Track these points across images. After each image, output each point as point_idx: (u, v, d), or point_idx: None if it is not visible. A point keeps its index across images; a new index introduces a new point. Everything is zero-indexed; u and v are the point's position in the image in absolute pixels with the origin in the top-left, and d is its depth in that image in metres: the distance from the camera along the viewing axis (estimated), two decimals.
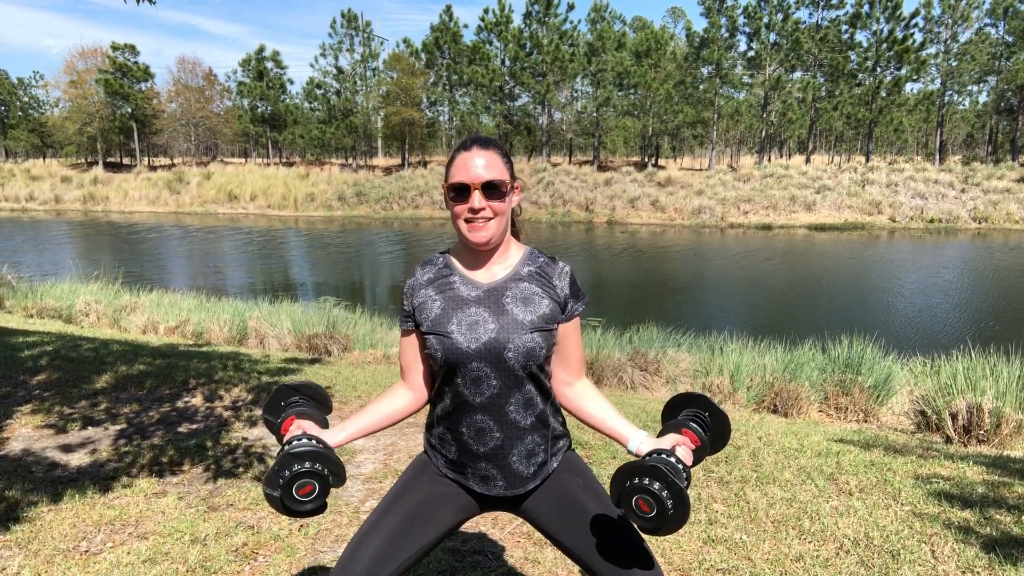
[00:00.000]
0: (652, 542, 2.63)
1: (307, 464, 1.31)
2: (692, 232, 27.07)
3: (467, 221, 1.47)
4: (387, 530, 1.45)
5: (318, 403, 1.58)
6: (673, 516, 1.24)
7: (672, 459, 1.32)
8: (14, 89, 57.29)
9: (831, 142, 54.87)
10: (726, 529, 2.74)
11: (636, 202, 30.99)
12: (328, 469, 1.33)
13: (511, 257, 1.55)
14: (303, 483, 1.30)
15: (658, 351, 6.82)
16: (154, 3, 3.66)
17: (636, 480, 1.27)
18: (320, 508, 1.36)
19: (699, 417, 1.46)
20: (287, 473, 1.29)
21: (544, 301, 1.49)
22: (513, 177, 1.52)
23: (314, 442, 1.38)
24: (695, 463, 1.40)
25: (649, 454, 1.35)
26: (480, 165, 1.45)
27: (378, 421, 1.56)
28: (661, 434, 1.45)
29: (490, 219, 1.46)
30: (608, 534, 1.45)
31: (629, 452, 1.46)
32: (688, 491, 1.32)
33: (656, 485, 1.25)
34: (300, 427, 1.46)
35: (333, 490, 3.10)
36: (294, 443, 1.36)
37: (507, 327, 1.44)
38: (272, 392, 1.55)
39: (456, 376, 1.46)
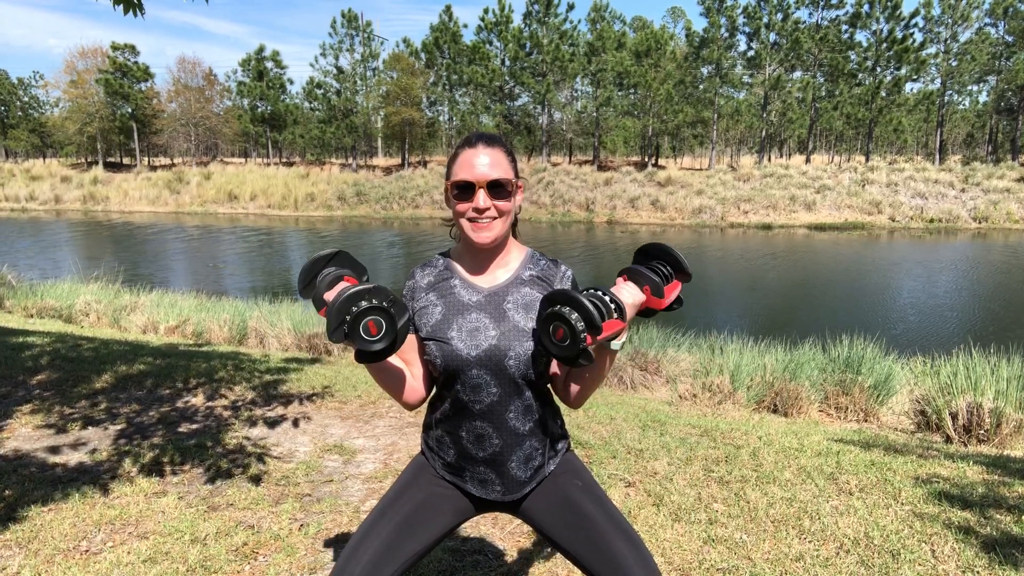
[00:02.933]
0: (651, 541, 2.63)
1: (373, 300, 1.26)
2: (692, 232, 27.07)
3: (471, 221, 1.44)
4: (385, 532, 1.44)
5: (355, 270, 1.51)
6: (584, 348, 1.25)
7: (600, 292, 1.32)
8: (14, 89, 57.27)
9: (831, 142, 54.85)
10: (726, 529, 2.74)
11: (636, 202, 30.98)
12: (392, 306, 1.28)
13: (512, 260, 1.53)
14: (369, 318, 1.25)
15: (658, 351, 6.83)
16: (142, 14, 3.64)
17: (557, 308, 1.28)
18: (391, 347, 1.31)
19: (656, 267, 1.44)
20: (354, 309, 1.24)
21: None
22: (517, 175, 1.50)
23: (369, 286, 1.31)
24: (654, 296, 1.38)
25: (585, 289, 1.35)
26: (485, 163, 1.42)
27: (398, 369, 1.50)
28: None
29: (495, 219, 1.43)
30: (607, 536, 1.44)
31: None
32: (619, 336, 1.32)
33: (574, 316, 1.25)
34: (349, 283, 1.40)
35: (337, 487, 3.10)
36: (349, 289, 1.28)
37: (508, 334, 1.42)
38: (307, 264, 1.45)
39: (456, 382, 1.44)
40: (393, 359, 1.49)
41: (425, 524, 1.48)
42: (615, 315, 1.30)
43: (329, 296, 1.38)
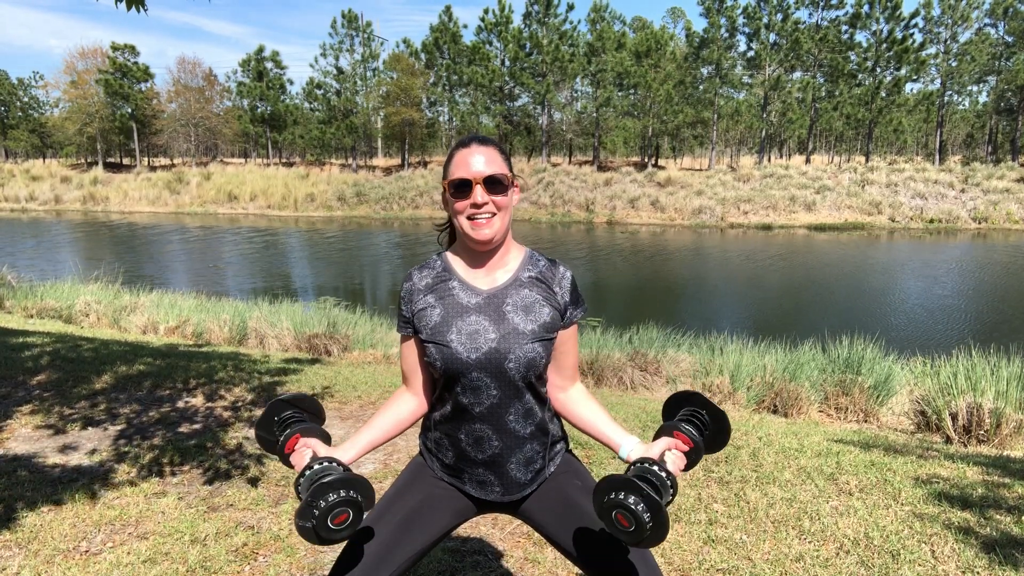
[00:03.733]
0: None
1: (340, 492, 1.27)
2: (692, 232, 27.07)
3: (470, 218, 1.44)
4: (383, 534, 1.44)
5: (314, 416, 1.54)
6: (652, 530, 1.23)
7: (655, 468, 1.30)
8: (14, 89, 57.27)
9: (831, 142, 54.85)
10: (726, 529, 2.74)
11: (636, 202, 30.99)
12: (360, 495, 1.30)
13: (511, 260, 1.53)
14: (338, 512, 1.27)
15: (658, 351, 6.82)
16: (145, 10, 3.64)
17: (613, 495, 1.26)
18: (352, 534, 1.33)
19: (696, 416, 1.43)
20: (322, 504, 1.26)
21: (545, 309, 1.46)
22: (512, 174, 1.50)
23: (335, 465, 1.34)
24: (689, 466, 1.39)
25: (634, 463, 1.34)
26: (481, 161, 1.43)
27: (387, 431, 1.52)
28: (656, 436, 1.43)
29: (493, 215, 1.44)
30: (606, 536, 1.44)
31: (620, 459, 1.44)
32: (672, 502, 1.31)
33: (631, 499, 1.23)
34: (308, 445, 1.41)
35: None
36: (316, 468, 1.33)
37: (508, 337, 1.42)
38: (265, 408, 1.49)
39: (456, 385, 1.44)
40: (376, 426, 1.53)
41: (423, 525, 1.48)
42: (671, 492, 1.31)
43: (295, 461, 1.40)
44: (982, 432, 4.38)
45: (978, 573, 2.37)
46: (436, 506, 1.51)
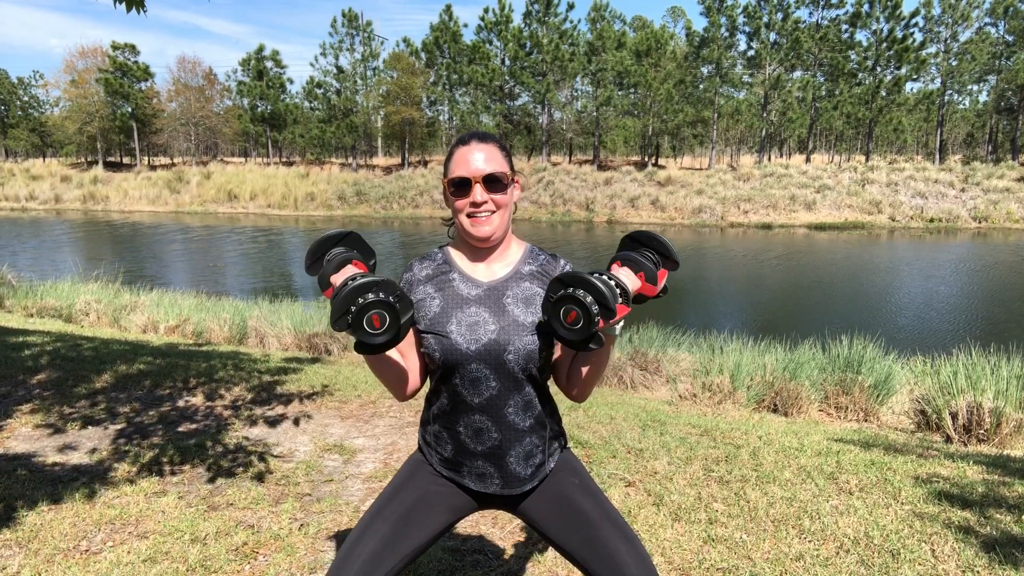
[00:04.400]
0: (651, 541, 2.63)
1: (380, 294, 1.25)
2: (692, 231, 27.07)
3: (469, 216, 1.45)
4: (381, 531, 1.44)
5: (364, 253, 1.49)
6: (597, 322, 1.25)
7: (605, 276, 1.31)
8: (14, 89, 57.27)
9: (831, 141, 54.84)
10: (726, 528, 2.74)
11: (636, 201, 30.98)
12: (394, 296, 1.28)
13: (512, 254, 1.53)
14: (374, 312, 1.25)
15: (658, 350, 6.82)
16: (144, 11, 3.63)
17: (563, 291, 1.27)
18: (393, 340, 1.30)
19: (644, 253, 1.43)
20: (353, 308, 1.23)
21: None
22: (513, 171, 1.50)
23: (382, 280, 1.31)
24: (645, 291, 1.39)
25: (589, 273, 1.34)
26: (480, 159, 1.43)
27: (396, 362, 1.49)
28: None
29: (493, 212, 1.44)
30: (603, 534, 1.44)
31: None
32: (622, 306, 1.31)
33: (580, 292, 1.25)
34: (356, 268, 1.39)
35: (337, 487, 3.10)
36: (360, 281, 1.28)
37: (508, 328, 1.42)
38: (315, 243, 1.44)
39: (454, 376, 1.44)
40: (392, 352, 1.48)
41: (422, 521, 1.48)
42: (621, 299, 1.31)
43: (336, 279, 1.37)
44: (982, 431, 4.38)
45: (978, 572, 2.37)
46: (434, 503, 1.51)
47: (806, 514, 2.84)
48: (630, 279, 1.36)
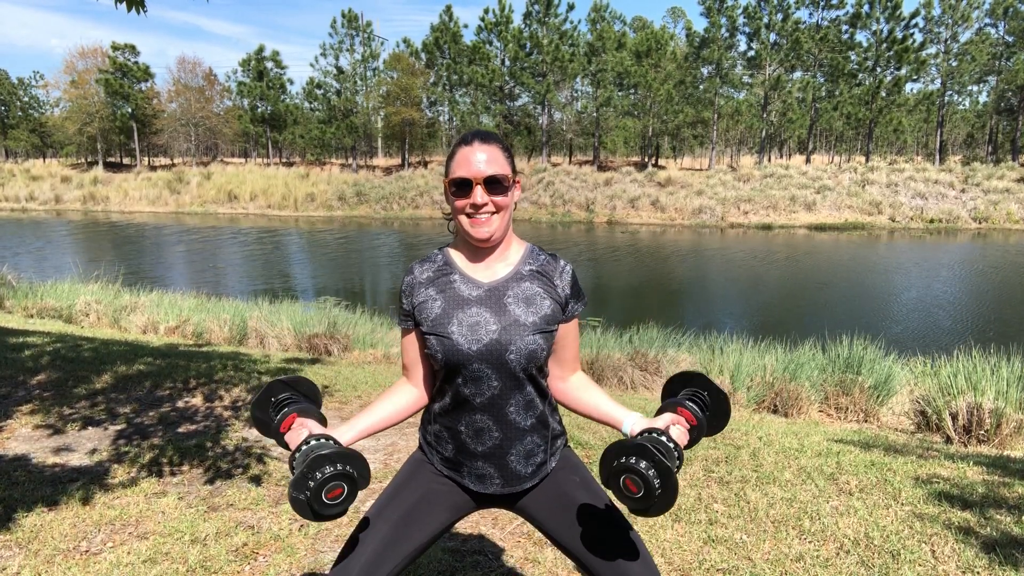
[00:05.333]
0: (651, 541, 2.63)
1: (337, 466, 1.26)
2: (692, 232, 27.07)
3: (469, 216, 1.45)
4: (383, 531, 1.44)
5: (310, 400, 1.53)
6: (660, 496, 1.22)
7: (663, 438, 1.30)
8: (14, 89, 57.27)
9: (831, 142, 54.85)
10: (726, 529, 2.74)
11: (636, 202, 30.99)
12: (357, 471, 1.29)
13: (512, 255, 1.53)
14: (333, 486, 1.25)
15: (658, 351, 6.82)
16: (145, 11, 3.63)
17: (623, 459, 1.25)
18: (345, 511, 1.31)
19: (697, 396, 1.44)
20: (317, 475, 1.24)
21: (546, 302, 1.47)
22: (515, 171, 1.50)
23: (332, 442, 1.33)
24: (692, 443, 1.39)
25: (640, 433, 1.33)
26: (482, 160, 1.43)
27: (385, 419, 1.53)
28: (658, 413, 1.43)
29: (493, 214, 1.44)
30: (605, 533, 1.44)
31: (623, 434, 1.44)
32: (678, 472, 1.30)
33: (643, 464, 1.22)
34: (305, 426, 1.41)
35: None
36: (313, 444, 1.31)
37: (509, 328, 1.43)
38: (263, 388, 1.48)
39: (457, 376, 1.44)
40: (374, 413, 1.53)
41: (423, 521, 1.49)
42: (678, 462, 1.30)
43: (291, 439, 1.39)
44: (982, 432, 4.38)
45: (978, 573, 2.37)
46: (435, 502, 1.51)
47: (806, 515, 2.84)
48: (682, 435, 1.36)
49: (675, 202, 30.38)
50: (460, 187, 1.44)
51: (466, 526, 2.77)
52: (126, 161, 52.16)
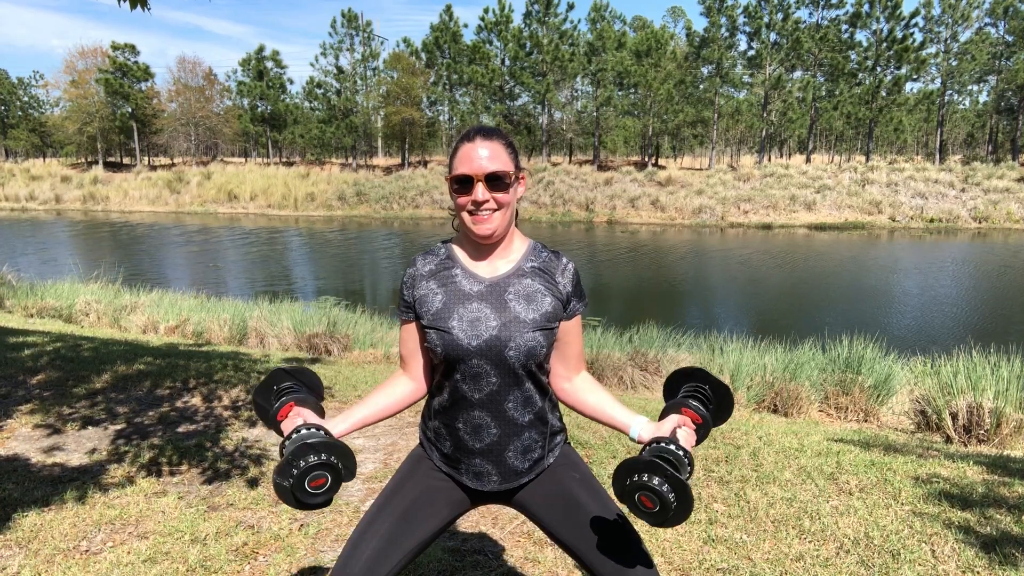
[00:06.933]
0: (651, 541, 2.63)
1: (322, 456, 1.27)
2: (692, 232, 27.07)
3: (471, 213, 1.44)
4: (384, 528, 1.45)
5: (312, 390, 1.54)
6: (677, 508, 1.22)
7: (672, 447, 1.30)
8: (14, 89, 57.27)
9: (831, 142, 54.83)
10: (726, 529, 2.74)
11: (636, 202, 30.98)
12: (342, 462, 1.30)
13: (514, 251, 1.53)
14: (317, 475, 1.27)
15: (658, 351, 6.82)
16: (148, 8, 3.63)
17: (636, 477, 1.25)
18: (328, 501, 1.33)
19: (699, 391, 1.44)
20: (301, 464, 1.26)
21: (547, 299, 1.47)
22: (518, 167, 1.50)
23: (322, 432, 1.34)
24: (699, 440, 1.39)
25: (649, 444, 1.33)
26: (484, 156, 1.43)
27: (380, 411, 1.53)
28: (662, 415, 1.43)
29: (495, 211, 1.44)
30: (603, 530, 1.44)
31: (631, 439, 1.45)
32: (690, 478, 1.30)
33: (656, 480, 1.22)
34: (300, 415, 1.42)
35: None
36: (303, 432, 1.32)
37: (509, 325, 1.43)
38: (266, 376, 1.49)
39: (455, 371, 1.45)
40: (370, 404, 1.53)
41: (423, 518, 1.49)
42: (689, 469, 1.30)
43: (285, 427, 1.41)
44: (982, 432, 4.37)
45: (978, 573, 2.37)
46: (435, 498, 1.52)
47: (806, 514, 2.84)
48: (690, 438, 1.36)
49: (675, 202, 30.38)
50: (462, 184, 1.44)
51: (467, 525, 2.77)
52: (126, 161, 52.15)
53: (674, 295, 14.79)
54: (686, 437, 1.35)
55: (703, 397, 1.43)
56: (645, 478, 1.24)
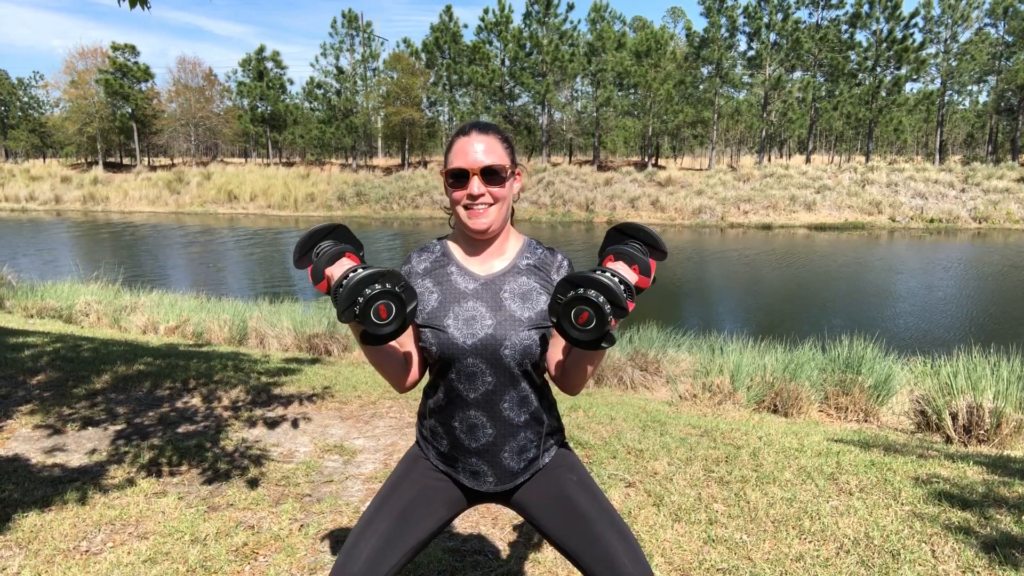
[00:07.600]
0: (651, 541, 2.63)
1: (386, 284, 1.25)
2: (692, 232, 27.07)
3: (466, 208, 1.44)
4: (383, 528, 1.45)
5: (353, 245, 1.47)
6: (611, 318, 1.23)
7: (609, 273, 1.29)
8: (14, 89, 57.27)
9: (831, 142, 54.83)
10: (726, 529, 2.74)
11: (636, 202, 30.98)
12: (399, 286, 1.28)
13: (510, 248, 1.53)
14: (380, 303, 1.25)
15: (658, 351, 6.82)
16: (148, 7, 3.63)
17: (572, 292, 1.25)
18: (400, 330, 1.30)
19: (622, 236, 1.42)
20: (360, 299, 1.24)
21: (542, 297, 1.47)
22: (515, 163, 1.49)
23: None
24: (642, 272, 1.37)
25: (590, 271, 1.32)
26: (479, 150, 1.42)
27: (392, 353, 1.49)
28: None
29: (490, 205, 1.44)
30: (601, 532, 1.44)
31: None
32: (629, 300, 1.28)
33: (593, 293, 1.23)
34: (354, 260, 1.39)
35: (337, 488, 3.10)
36: (362, 272, 1.28)
37: (504, 323, 1.42)
38: (304, 236, 1.42)
39: (450, 370, 1.44)
40: (393, 343, 1.49)
41: (421, 518, 1.49)
42: (628, 296, 1.29)
43: (332, 272, 1.36)
44: (982, 432, 4.37)
45: (978, 573, 2.37)
46: (433, 498, 1.52)
47: (806, 515, 2.84)
48: (628, 274, 1.34)
49: (675, 202, 30.37)
50: (457, 178, 1.43)
51: (466, 526, 2.77)
52: (126, 161, 52.14)
53: (674, 295, 14.79)
54: (624, 269, 1.33)
55: (636, 245, 1.40)
56: (582, 291, 1.24)
